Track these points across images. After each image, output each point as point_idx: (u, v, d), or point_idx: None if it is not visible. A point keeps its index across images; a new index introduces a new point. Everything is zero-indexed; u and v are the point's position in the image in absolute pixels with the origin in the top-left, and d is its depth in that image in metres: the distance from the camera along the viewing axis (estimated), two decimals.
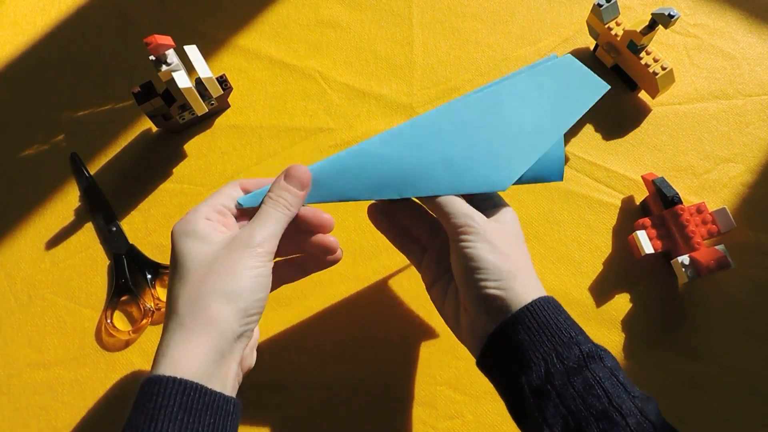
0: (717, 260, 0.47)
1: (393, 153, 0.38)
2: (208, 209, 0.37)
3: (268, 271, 0.36)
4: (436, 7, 0.62)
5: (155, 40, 0.47)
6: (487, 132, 0.40)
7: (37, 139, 0.58)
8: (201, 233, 0.36)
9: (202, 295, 0.33)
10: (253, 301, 0.34)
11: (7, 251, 0.54)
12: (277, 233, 0.37)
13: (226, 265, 0.34)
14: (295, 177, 0.38)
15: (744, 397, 0.48)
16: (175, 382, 0.31)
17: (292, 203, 0.38)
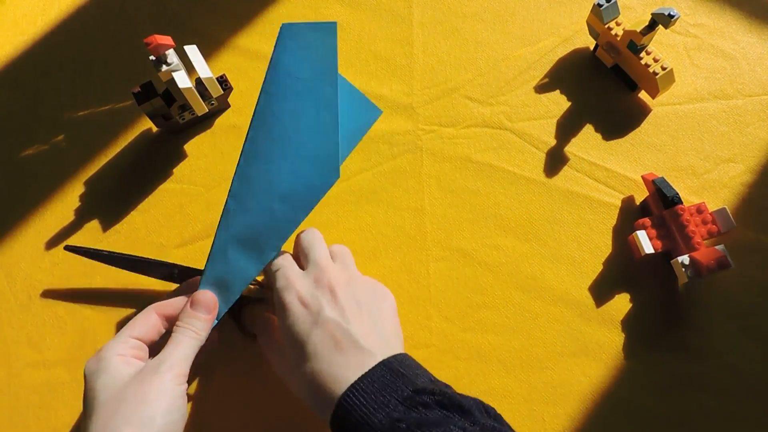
0: (717, 260, 0.47)
1: (244, 225, 0.41)
2: (122, 346, 0.38)
3: (181, 393, 0.37)
4: (436, 7, 0.62)
5: (155, 40, 0.47)
6: (287, 148, 0.42)
7: (37, 139, 0.58)
8: (112, 369, 0.37)
9: (114, 426, 0.34)
10: (165, 423, 0.35)
11: (7, 251, 0.54)
12: (188, 357, 0.38)
13: (136, 394, 0.35)
14: (201, 302, 0.41)
15: (744, 397, 0.48)
16: None
17: (200, 329, 0.40)
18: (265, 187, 0.41)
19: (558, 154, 0.55)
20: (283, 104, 0.42)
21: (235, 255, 0.41)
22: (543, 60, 0.59)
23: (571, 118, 0.57)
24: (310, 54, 0.42)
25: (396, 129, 0.57)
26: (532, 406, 0.48)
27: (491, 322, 0.50)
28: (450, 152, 0.56)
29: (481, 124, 0.57)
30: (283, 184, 0.41)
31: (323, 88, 0.42)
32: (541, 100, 0.58)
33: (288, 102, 0.42)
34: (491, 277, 0.51)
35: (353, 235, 0.53)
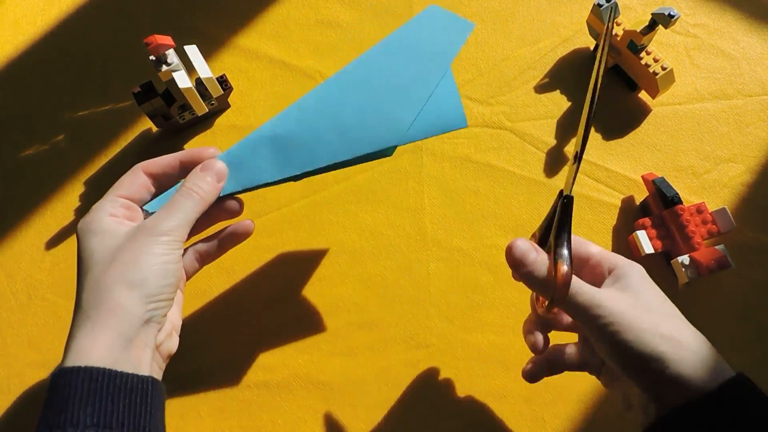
0: (717, 260, 0.47)
1: (288, 131, 0.40)
2: (113, 205, 0.36)
3: (176, 258, 0.35)
4: None
5: (155, 40, 0.47)
6: (370, 94, 0.41)
7: (37, 139, 0.58)
8: (105, 228, 0.35)
9: (104, 285, 0.33)
10: (159, 287, 0.34)
11: (7, 251, 0.54)
12: (188, 222, 0.36)
13: (129, 254, 0.34)
14: (212, 169, 0.38)
15: None
16: (81, 370, 0.30)
17: (207, 192, 0.37)
18: (331, 113, 0.40)
19: (558, 154, 0.55)
20: (391, 60, 0.42)
21: (263, 151, 0.39)
22: (543, 60, 0.59)
23: (571, 118, 0.57)
24: (439, 38, 0.43)
25: None
26: (532, 406, 0.48)
27: (491, 322, 0.50)
28: (450, 152, 0.56)
29: (481, 124, 0.57)
30: (347, 120, 0.40)
31: (432, 68, 0.43)
32: (541, 100, 0.58)
33: (396, 61, 0.42)
34: (491, 277, 0.51)
35: (353, 235, 0.53)
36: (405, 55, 0.42)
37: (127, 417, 0.30)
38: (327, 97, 0.41)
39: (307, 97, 0.41)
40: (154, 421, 0.32)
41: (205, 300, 0.52)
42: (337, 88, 0.41)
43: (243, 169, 0.39)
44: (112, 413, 0.30)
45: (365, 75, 0.42)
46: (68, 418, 0.29)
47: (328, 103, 0.41)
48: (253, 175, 0.40)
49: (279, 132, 0.40)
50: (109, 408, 0.30)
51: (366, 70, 0.42)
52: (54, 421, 0.29)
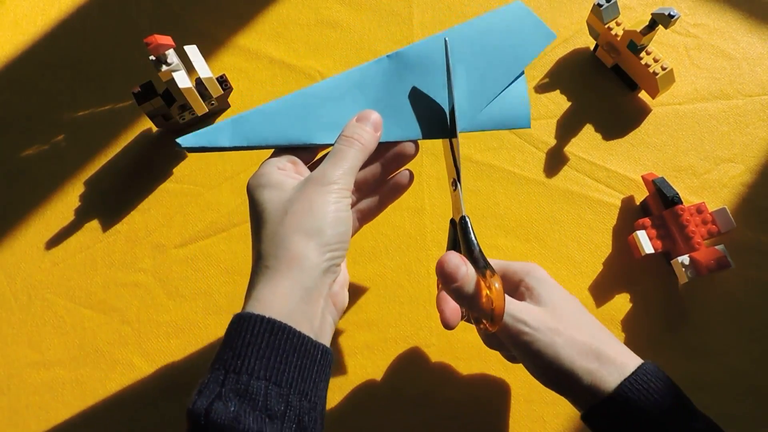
0: (717, 260, 0.47)
1: (311, 104, 0.38)
2: (280, 159, 0.37)
3: (346, 206, 0.35)
4: (436, 7, 0.62)
5: (155, 40, 0.47)
6: (435, 76, 0.40)
7: (37, 139, 0.58)
8: (275, 182, 0.35)
9: (282, 235, 0.33)
10: (334, 234, 0.34)
11: (7, 251, 0.54)
12: (352, 170, 0.36)
13: (302, 204, 0.34)
14: (368, 118, 0.38)
15: (744, 397, 0.48)
16: (263, 320, 0.31)
17: (366, 140, 0.37)
18: (401, 87, 0.40)
19: (558, 154, 0.55)
20: (471, 47, 0.41)
21: (304, 113, 0.38)
22: (543, 60, 0.59)
23: (571, 118, 0.57)
24: (520, 38, 0.42)
25: None
26: (532, 406, 0.48)
27: None
28: None
29: None
30: (420, 94, 0.40)
31: (509, 66, 0.42)
32: (541, 100, 0.58)
33: (475, 49, 0.41)
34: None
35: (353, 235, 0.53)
36: (485, 45, 0.41)
37: (295, 379, 0.31)
38: (395, 69, 0.40)
39: (371, 65, 0.40)
40: (317, 390, 0.32)
41: (205, 300, 0.52)
42: (405, 63, 0.40)
43: (282, 122, 0.38)
44: (284, 372, 0.31)
45: (433, 55, 0.40)
46: (245, 365, 0.30)
47: (393, 76, 0.40)
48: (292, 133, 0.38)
49: (334, 93, 0.39)
50: (282, 366, 0.31)
51: (434, 50, 0.40)
52: (231, 365, 0.30)
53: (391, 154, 0.40)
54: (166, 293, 0.52)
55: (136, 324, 0.51)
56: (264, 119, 0.37)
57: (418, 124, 0.40)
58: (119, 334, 0.51)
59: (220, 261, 0.53)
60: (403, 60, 0.40)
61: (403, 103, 0.40)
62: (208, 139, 0.36)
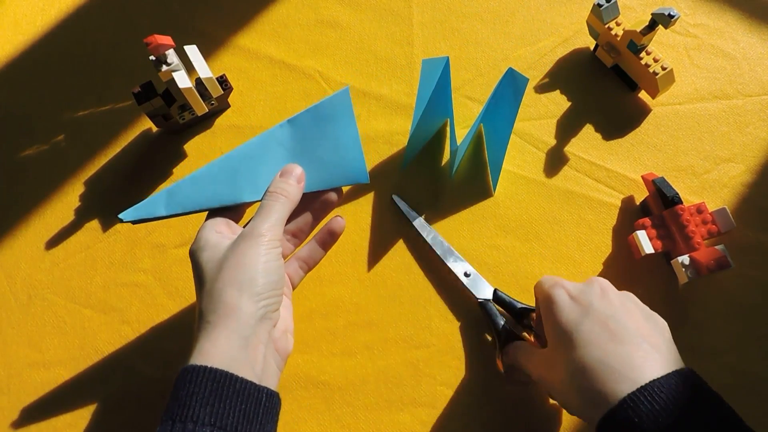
0: (717, 260, 0.47)
1: (234, 167, 0.42)
2: (216, 222, 0.40)
3: (276, 256, 0.38)
4: (436, 7, 0.62)
5: (155, 40, 0.47)
6: (336, 133, 0.45)
7: (37, 139, 0.58)
8: (212, 244, 0.38)
9: (217, 290, 0.36)
10: (266, 284, 0.36)
11: (7, 251, 0.54)
12: (280, 221, 0.39)
13: (235, 259, 0.37)
14: (290, 172, 0.42)
15: (744, 397, 0.48)
16: (205, 370, 0.33)
17: (290, 192, 0.41)
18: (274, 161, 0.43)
19: (558, 154, 0.55)
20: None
21: (209, 185, 0.42)
22: (543, 60, 0.59)
23: (571, 118, 0.57)
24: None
25: (396, 129, 0.57)
26: (532, 406, 0.48)
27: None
28: None
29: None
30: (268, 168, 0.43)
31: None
32: (541, 100, 0.58)
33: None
34: (491, 277, 0.51)
35: (353, 235, 0.53)
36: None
37: (241, 422, 0.33)
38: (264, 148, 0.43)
39: (250, 144, 0.43)
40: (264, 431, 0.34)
41: None
42: (314, 121, 0.44)
43: (191, 194, 0.41)
44: (228, 416, 0.32)
45: (290, 140, 0.44)
46: (189, 413, 0.32)
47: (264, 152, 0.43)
48: (200, 201, 0.42)
49: (226, 166, 0.42)
50: (226, 411, 0.32)
51: (291, 135, 0.44)
52: (177, 414, 0.32)
53: (318, 203, 0.45)
54: (166, 293, 0.52)
55: (136, 324, 0.51)
56: (195, 186, 0.41)
57: (332, 175, 0.44)
58: (119, 334, 0.51)
59: None
60: (308, 119, 0.44)
61: (317, 157, 0.44)
62: (146, 211, 0.40)
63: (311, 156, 0.44)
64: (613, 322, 0.36)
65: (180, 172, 0.56)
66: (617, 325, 0.36)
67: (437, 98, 0.50)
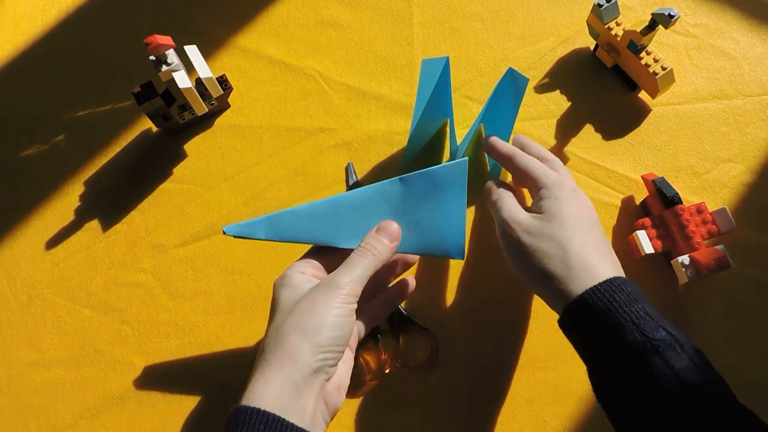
0: (717, 260, 0.47)
1: (337, 211, 0.42)
2: (304, 265, 0.40)
3: (349, 312, 0.37)
4: (436, 7, 0.62)
5: (155, 40, 0.47)
6: (446, 201, 0.44)
7: (37, 139, 0.58)
8: (294, 282, 0.39)
9: (283, 332, 0.36)
10: (330, 337, 0.36)
11: (7, 251, 0.54)
12: (362, 278, 0.38)
13: (307, 305, 0.37)
14: (386, 230, 0.41)
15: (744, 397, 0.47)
16: (259, 413, 0.33)
17: (380, 251, 0.40)
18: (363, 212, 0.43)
19: (558, 154, 0.55)
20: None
21: (323, 221, 0.42)
22: (543, 60, 0.59)
23: (571, 118, 0.57)
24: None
25: (396, 129, 0.57)
26: (532, 406, 0.48)
27: (491, 322, 0.50)
28: None
29: None
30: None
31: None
32: (541, 100, 0.58)
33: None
34: (491, 277, 0.51)
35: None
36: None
37: None
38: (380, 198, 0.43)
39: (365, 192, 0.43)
40: None
41: (205, 300, 0.52)
42: (432, 183, 0.43)
43: (300, 226, 0.42)
44: None
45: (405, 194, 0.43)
46: None
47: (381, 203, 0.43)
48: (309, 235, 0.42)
49: (341, 209, 0.42)
50: None
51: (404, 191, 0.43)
52: None
53: (397, 261, 0.45)
54: (166, 293, 0.52)
55: (136, 324, 0.51)
56: (296, 219, 0.42)
57: (429, 242, 0.44)
58: (119, 334, 0.51)
59: (220, 261, 0.53)
60: (420, 182, 0.43)
61: (419, 221, 0.43)
62: (248, 231, 0.41)
63: (413, 218, 0.43)
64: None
65: (180, 172, 0.56)
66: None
67: (437, 98, 0.50)
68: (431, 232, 0.43)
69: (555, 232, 0.41)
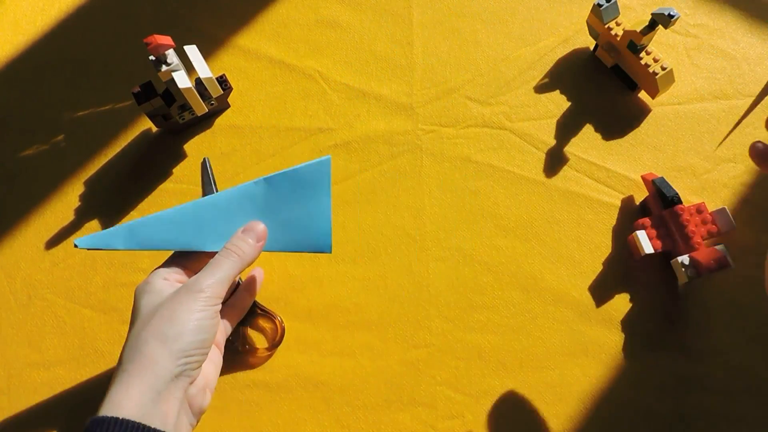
0: (717, 260, 0.47)
1: (201, 215, 0.42)
2: (167, 271, 0.40)
3: (213, 314, 0.37)
4: (436, 7, 0.62)
5: (155, 40, 0.47)
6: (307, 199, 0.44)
7: (37, 139, 0.58)
8: (156, 289, 0.38)
9: (142, 339, 0.35)
10: (192, 341, 0.36)
11: (7, 251, 0.54)
12: (226, 279, 0.38)
13: (167, 311, 0.36)
14: (252, 230, 0.41)
15: (744, 397, 0.48)
16: (118, 421, 0.32)
17: (246, 251, 0.40)
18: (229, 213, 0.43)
19: (558, 154, 0.55)
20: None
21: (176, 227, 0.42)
22: (543, 60, 0.59)
23: (571, 118, 0.57)
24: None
25: (396, 129, 0.57)
26: (532, 406, 0.48)
27: (491, 322, 0.50)
28: (450, 152, 0.56)
29: (481, 124, 0.57)
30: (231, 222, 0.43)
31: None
32: (541, 100, 0.58)
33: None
34: (491, 277, 0.51)
35: (353, 235, 0.53)
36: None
37: None
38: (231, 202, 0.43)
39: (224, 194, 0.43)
40: None
41: None
42: (291, 185, 0.43)
43: (150, 234, 0.41)
44: None
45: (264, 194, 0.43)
46: None
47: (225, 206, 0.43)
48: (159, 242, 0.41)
49: (195, 213, 0.42)
50: None
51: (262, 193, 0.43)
52: None
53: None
54: None
55: None
56: (159, 226, 0.41)
57: (296, 239, 0.44)
58: (119, 334, 0.51)
59: None
60: (284, 181, 0.43)
61: (285, 219, 0.43)
62: (103, 242, 0.40)
63: (279, 217, 0.43)
64: None
65: (180, 172, 0.56)
66: None
67: None
68: (299, 230, 0.44)
69: None
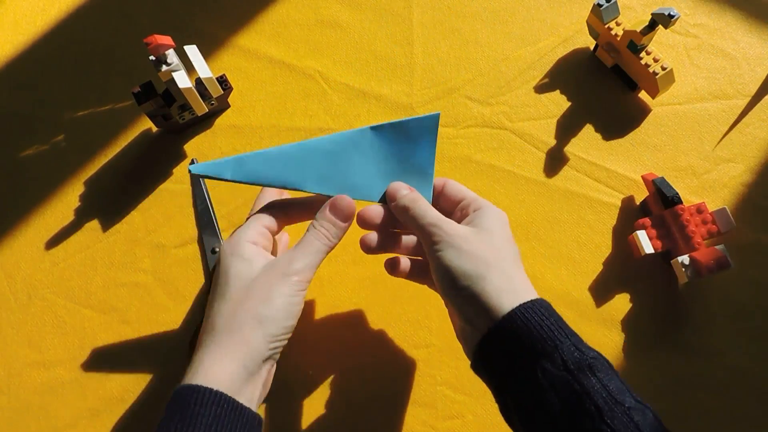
0: (717, 260, 0.47)
1: (306, 157, 0.42)
2: (252, 233, 0.39)
3: (301, 299, 0.38)
4: (436, 7, 0.62)
5: (155, 40, 0.47)
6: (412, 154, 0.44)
7: (37, 139, 0.58)
8: (247, 256, 0.38)
9: (239, 316, 0.36)
10: (283, 326, 0.36)
11: (7, 251, 0.54)
12: (315, 264, 0.39)
13: (263, 290, 0.37)
14: (340, 209, 0.40)
15: (744, 397, 0.48)
16: (211, 393, 0.33)
17: (334, 235, 0.40)
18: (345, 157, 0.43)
19: (558, 154, 0.55)
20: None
21: (289, 165, 0.42)
22: (543, 60, 0.59)
23: (571, 118, 0.57)
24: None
25: None
26: None
27: None
28: (450, 152, 0.56)
29: (481, 124, 0.57)
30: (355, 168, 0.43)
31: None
32: (541, 100, 0.58)
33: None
34: None
35: (353, 236, 0.53)
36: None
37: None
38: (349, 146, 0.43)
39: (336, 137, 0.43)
40: None
41: (205, 300, 0.52)
42: (403, 136, 0.43)
43: (264, 169, 0.41)
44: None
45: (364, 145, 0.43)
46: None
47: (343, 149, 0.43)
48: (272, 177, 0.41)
49: (305, 154, 0.42)
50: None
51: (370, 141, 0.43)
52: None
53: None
54: (166, 293, 0.52)
55: (136, 324, 0.51)
56: (265, 163, 0.41)
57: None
58: (119, 334, 0.51)
59: None
60: (392, 133, 0.43)
61: (387, 171, 0.43)
62: (215, 170, 0.40)
63: (383, 167, 0.43)
64: None
65: (180, 172, 0.56)
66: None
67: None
68: (400, 181, 0.43)
69: (480, 242, 0.38)
